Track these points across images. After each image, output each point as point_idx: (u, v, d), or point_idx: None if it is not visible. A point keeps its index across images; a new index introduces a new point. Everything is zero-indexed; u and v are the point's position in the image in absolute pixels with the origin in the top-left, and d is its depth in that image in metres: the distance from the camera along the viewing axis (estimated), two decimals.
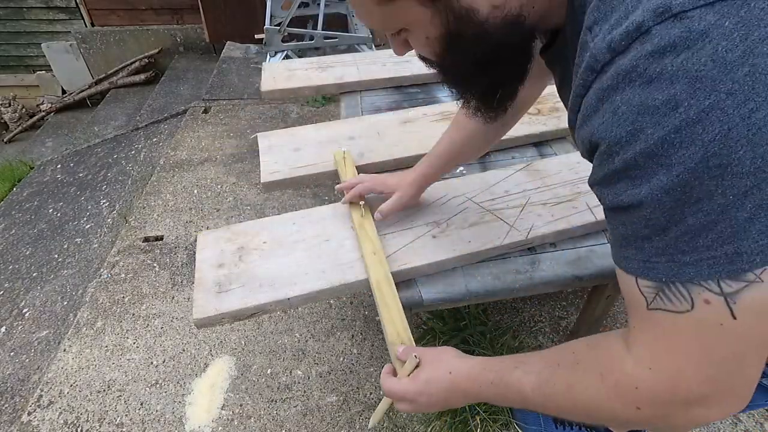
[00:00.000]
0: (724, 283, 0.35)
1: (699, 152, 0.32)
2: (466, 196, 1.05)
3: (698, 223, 0.34)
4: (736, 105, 0.30)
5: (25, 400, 1.45)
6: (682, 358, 0.39)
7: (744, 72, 0.30)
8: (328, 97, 2.73)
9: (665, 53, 0.32)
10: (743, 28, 0.30)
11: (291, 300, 0.87)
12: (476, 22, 0.44)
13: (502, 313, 1.47)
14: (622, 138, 0.36)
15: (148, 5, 4.03)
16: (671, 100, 0.32)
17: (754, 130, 0.30)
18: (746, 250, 0.33)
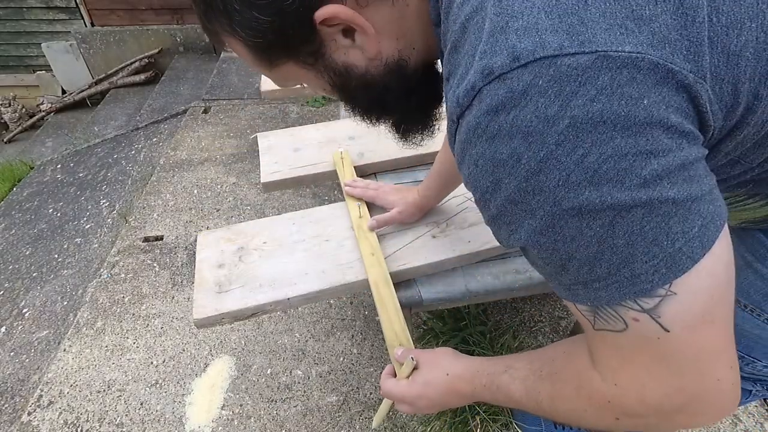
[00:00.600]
0: (640, 301, 0.37)
1: (550, 198, 0.35)
2: (465, 196, 1.05)
3: (586, 256, 0.37)
4: (566, 153, 0.33)
5: (25, 400, 1.45)
6: (642, 372, 0.40)
7: (565, 124, 0.33)
8: (328, 97, 2.73)
9: (498, 112, 0.35)
10: (555, 84, 0.32)
11: (291, 300, 0.87)
12: (357, 75, 0.48)
13: (502, 313, 1.47)
14: (489, 187, 0.38)
15: (148, 5, 4.02)
16: (514, 154, 0.35)
17: (590, 172, 0.33)
18: (641, 271, 0.36)
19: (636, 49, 0.32)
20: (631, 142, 0.33)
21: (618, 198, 0.34)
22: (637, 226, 0.34)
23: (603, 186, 0.34)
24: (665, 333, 0.37)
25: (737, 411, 1.23)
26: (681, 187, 0.34)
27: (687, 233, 0.35)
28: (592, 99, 0.32)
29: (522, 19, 0.34)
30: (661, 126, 0.33)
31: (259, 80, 2.15)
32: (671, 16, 0.33)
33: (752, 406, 1.24)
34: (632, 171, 0.33)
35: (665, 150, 0.33)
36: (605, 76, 0.32)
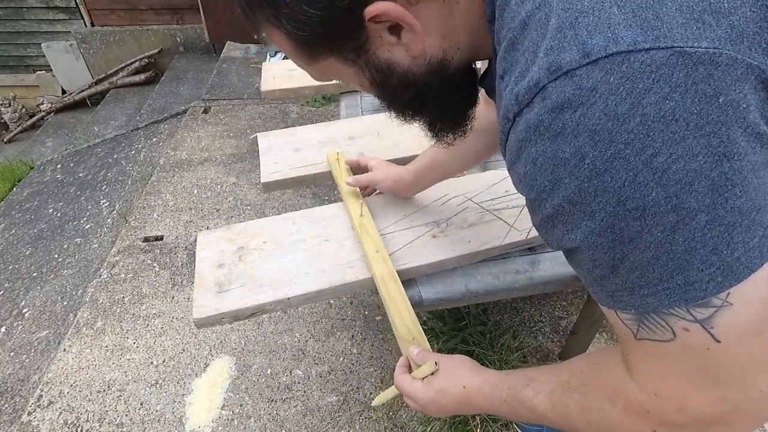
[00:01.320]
0: (693, 311, 0.36)
1: (613, 198, 0.34)
2: (466, 196, 1.05)
3: (641, 260, 0.36)
4: (635, 153, 0.32)
5: (25, 400, 1.45)
6: (684, 382, 0.39)
7: (636, 122, 0.32)
8: (328, 97, 2.73)
9: (564, 109, 0.34)
10: (627, 82, 0.32)
11: (291, 300, 0.87)
12: (399, 72, 0.48)
13: (502, 313, 1.47)
14: (547, 186, 0.38)
15: (148, 5, 4.02)
16: (578, 153, 0.34)
17: (659, 173, 0.32)
18: (695, 279, 0.34)
19: (713, 45, 0.31)
20: (704, 143, 0.31)
21: (684, 200, 0.32)
22: (699, 232, 0.33)
23: (671, 187, 0.32)
24: (716, 344, 0.36)
25: None
26: (749, 195, 0.33)
27: (747, 243, 0.33)
28: (665, 97, 0.31)
29: (593, 14, 0.33)
30: (737, 126, 0.32)
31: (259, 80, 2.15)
32: (750, 8, 0.31)
33: None
34: (702, 173, 0.32)
35: (738, 153, 0.32)
36: (680, 73, 0.31)
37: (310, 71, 0.52)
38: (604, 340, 1.40)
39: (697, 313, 0.36)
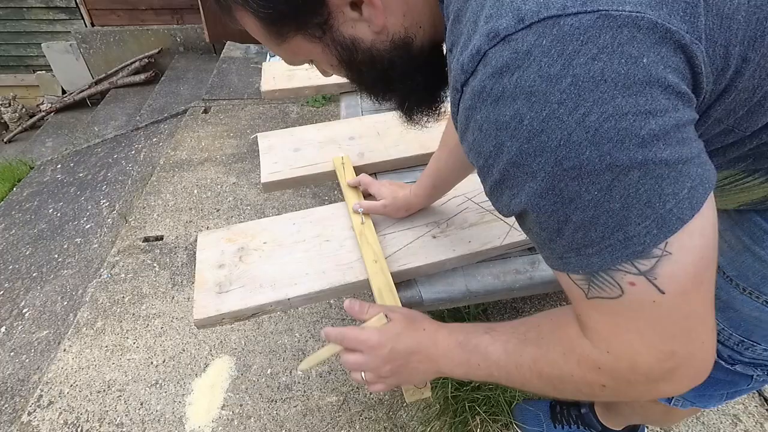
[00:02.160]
0: (637, 263, 0.38)
1: (551, 158, 0.36)
2: (466, 196, 1.05)
3: (582, 220, 0.37)
4: (568, 112, 0.34)
5: (25, 400, 1.45)
6: (634, 339, 0.42)
7: (567, 83, 0.34)
8: (328, 97, 2.73)
9: (503, 74, 0.35)
10: (558, 44, 0.33)
11: (291, 300, 0.87)
12: (363, 48, 0.50)
13: (502, 313, 1.47)
14: (492, 152, 0.39)
15: (148, 5, 4.02)
16: (517, 115, 0.36)
17: (591, 132, 0.34)
18: (634, 233, 0.36)
19: (636, 9, 0.33)
20: (632, 102, 0.33)
21: (617, 158, 0.34)
22: (633, 188, 0.35)
23: (603, 146, 0.34)
24: (661, 295, 0.38)
25: (737, 411, 1.23)
26: (674, 149, 0.35)
27: (677, 194, 0.35)
28: (594, 58, 0.33)
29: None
30: (659, 85, 0.34)
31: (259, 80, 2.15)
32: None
33: (752, 406, 1.24)
34: (632, 131, 0.34)
35: (662, 110, 0.34)
36: (607, 35, 0.33)
37: (281, 53, 0.54)
38: None
39: (641, 265, 0.38)
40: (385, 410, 1.26)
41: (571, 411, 1.11)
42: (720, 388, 0.71)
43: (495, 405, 1.17)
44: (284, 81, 1.53)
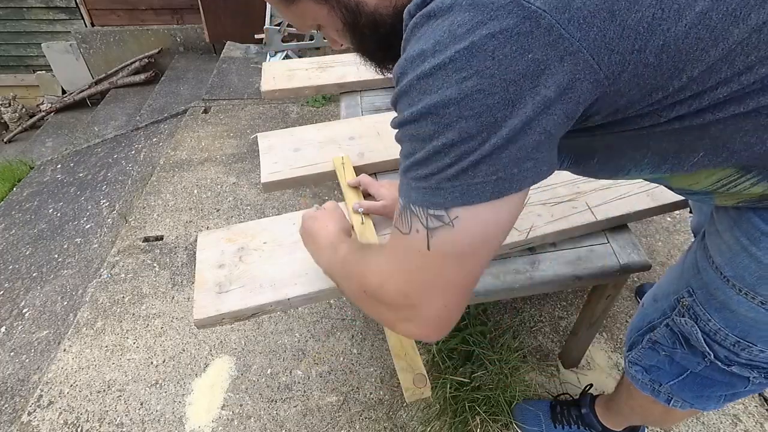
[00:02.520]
0: (429, 219, 0.45)
1: (426, 98, 0.42)
2: None
3: (420, 158, 0.44)
4: (454, 70, 0.40)
5: (25, 400, 1.45)
6: (392, 268, 0.51)
7: (464, 45, 0.39)
8: (328, 97, 2.73)
9: (429, 17, 0.42)
10: (472, 10, 0.39)
11: (291, 300, 0.87)
12: (366, 12, 0.55)
13: (502, 313, 1.47)
14: (397, 73, 0.45)
15: (148, 5, 4.02)
16: (423, 53, 0.42)
17: (462, 94, 0.40)
18: (443, 186, 0.43)
19: (543, 6, 0.38)
20: (503, 87, 0.39)
21: (469, 126, 0.41)
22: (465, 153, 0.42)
23: (465, 111, 0.40)
24: (426, 250, 0.46)
25: (737, 411, 1.23)
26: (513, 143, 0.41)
27: (487, 176, 0.42)
28: (493, 35, 0.38)
29: None
30: (531, 82, 0.39)
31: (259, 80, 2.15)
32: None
33: (752, 406, 1.24)
34: (491, 109, 0.40)
35: (523, 104, 0.40)
36: (511, 20, 0.38)
37: (290, 16, 0.58)
38: (604, 340, 1.40)
39: (430, 222, 0.45)
40: (385, 410, 1.26)
41: (571, 411, 1.11)
42: (717, 390, 0.71)
43: (495, 405, 1.17)
44: (284, 81, 1.53)
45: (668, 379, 0.76)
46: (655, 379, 0.78)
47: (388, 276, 0.51)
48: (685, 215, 1.81)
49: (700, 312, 0.65)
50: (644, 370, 0.80)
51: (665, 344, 0.73)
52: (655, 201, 1.03)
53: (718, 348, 0.65)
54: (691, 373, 0.71)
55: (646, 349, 0.78)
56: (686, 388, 0.74)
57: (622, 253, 0.98)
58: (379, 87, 1.54)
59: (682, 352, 0.71)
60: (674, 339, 0.71)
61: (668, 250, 1.67)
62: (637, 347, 0.80)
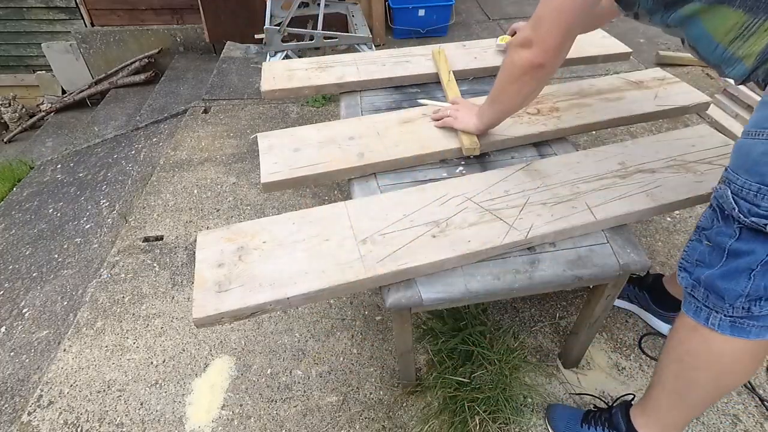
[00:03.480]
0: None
1: None
2: (465, 196, 1.05)
3: None
4: None
5: (25, 400, 1.45)
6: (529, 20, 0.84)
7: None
8: (328, 97, 2.73)
9: None
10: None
11: (291, 300, 0.87)
12: None
13: (502, 313, 1.47)
14: None
15: (148, 5, 4.02)
16: None
17: None
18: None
19: None
20: None
21: None
22: None
23: None
24: None
25: (737, 411, 1.23)
26: None
27: None
28: None
29: None
30: None
31: (259, 80, 2.15)
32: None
33: (752, 406, 1.24)
34: None
35: None
36: None
37: None
38: (604, 340, 1.40)
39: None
40: (384, 410, 1.26)
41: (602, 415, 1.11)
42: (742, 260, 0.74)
43: (494, 405, 1.17)
44: (284, 81, 1.53)
45: (705, 270, 0.79)
46: (696, 279, 0.81)
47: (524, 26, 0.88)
48: (685, 215, 1.81)
49: (731, 176, 0.73)
50: (689, 273, 0.83)
51: (707, 225, 0.79)
52: (655, 201, 1.04)
53: (742, 202, 0.71)
54: (726, 258, 0.76)
55: (693, 242, 0.83)
56: (719, 274, 0.77)
57: (622, 253, 0.98)
58: (379, 87, 1.54)
59: (717, 226, 0.76)
60: (713, 216, 0.78)
61: (668, 250, 1.67)
62: (688, 245, 0.84)
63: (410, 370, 1.24)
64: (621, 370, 1.33)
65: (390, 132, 1.27)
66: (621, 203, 1.03)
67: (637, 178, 1.10)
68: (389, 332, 1.45)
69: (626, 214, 1.01)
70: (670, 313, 1.35)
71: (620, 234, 1.02)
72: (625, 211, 1.01)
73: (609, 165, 1.14)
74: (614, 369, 1.33)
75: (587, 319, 1.16)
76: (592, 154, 1.18)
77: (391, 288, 0.93)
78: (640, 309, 1.43)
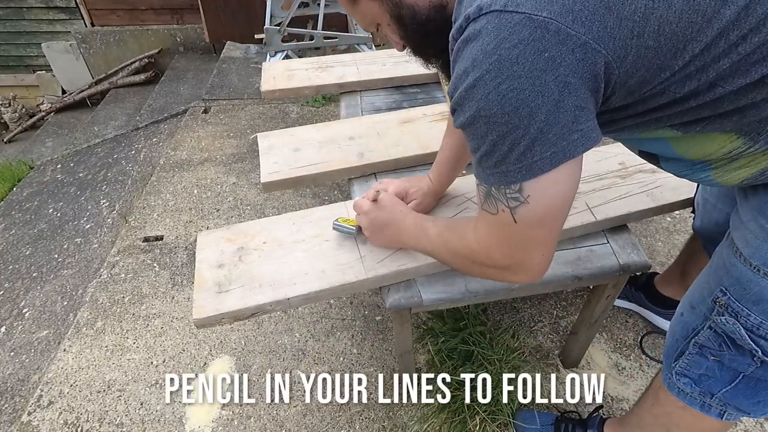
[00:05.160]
0: (509, 201, 0.58)
1: (475, 105, 0.53)
2: (466, 196, 1.05)
3: (485, 151, 0.56)
4: (491, 79, 0.51)
5: (25, 400, 1.45)
6: (493, 241, 0.65)
7: (495, 59, 0.50)
8: (328, 97, 2.73)
9: (467, 41, 0.53)
10: (495, 30, 0.50)
11: (291, 300, 0.87)
12: (407, 5, 0.65)
13: (502, 313, 1.47)
14: (450, 92, 0.57)
15: (148, 5, 4.02)
16: (465, 71, 0.53)
17: (500, 96, 0.51)
18: (510, 169, 0.55)
19: (549, 16, 0.48)
20: (530, 82, 0.50)
21: (512, 119, 0.51)
22: (517, 140, 0.53)
23: (506, 107, 0.51)
24: (514, 224, 0.59)
25: None
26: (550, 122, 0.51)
27: (543, 153, 0.53)
28: (514, 45, 0.49)
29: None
30: (552, 74, 0.49)
31: (259, 80, 2.15)
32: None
33: None
34: (526, 103, 0.50)
35: (550, 92, 0.50)
36: (526, 31, 0.48)
37: (354, 12, 0.70)
38: (604, 340, 1.40)
39: (511, 203, 0.58)
40: (384, 410, 1.26)
41: (576, 430, 1.10)
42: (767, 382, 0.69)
43: (494, 405, 1.17)
44: (284, 81, 1.53)
45: (720, 386, 0.73)
46: (705, 390, 0.75)
47: (491, 246, 0.66)
48: (685, 215, 1.80)
49: (738, 308, 0.65)
50: (693, 381, 0.76)
51: (712, 347, 0.71)
52: (655, 201, 1.03)
53: (764, 343, 0.64)
54: (744, 376, 0.69)
55: (693, 355, 0.75)
56: (740, 393, 0.72)
57: (622, 253, 0.98)
58: (379, 87, 1.54)
59: (729, 354, 0.69)
60: (720, 341, 0.70)
61: (668, 250, 1.67)
62: (684, 356, 0.76)
63: (410, 370, 1.24)
64: (621, 370, 1.33)
65: (390, 132, 1.27)
66: (621, 203, 1.03)
67: (638, 178, 1.10)
68: (389, 332, 1.45)
69: (626, 214, 1.01)
70: (667, 310, 1.35)
71: (620, 234, 1.02)
72: (625, 211, 1.01)
73: (609, 165, 1.14)
74: (614, 369, 1.33)
75: (587, 319, 1.16)
76: (592, 154, 1.18)
77: (391, 288, 0.93)
78: (639, 307, 1.43)
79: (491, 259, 0.67)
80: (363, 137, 1.25)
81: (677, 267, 1.30)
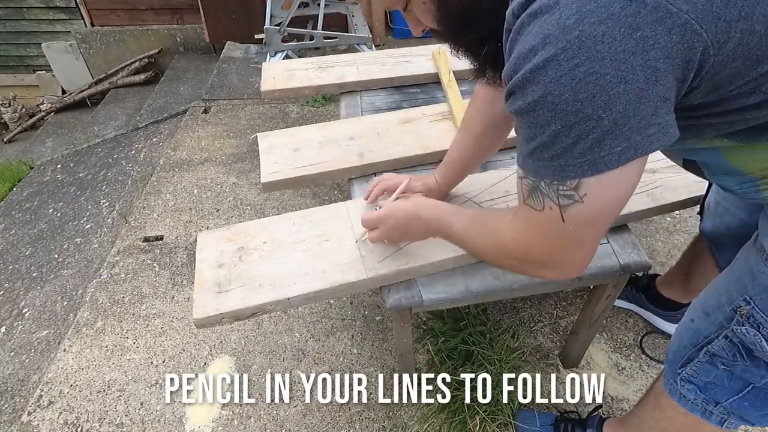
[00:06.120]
0: (561, 198, 0.51)
1: (540, 89, 0.45)
2: (466, 196, 1.05)
3: (542, 142, 0.49)
4: (566, 59, 0.43)
5: (25, 400, 1.45)
6: (533, 239, 0.59)
7: (575, 35, 0.42)
8: (328, 97, 2.73)
9: (536, 15, 0.45)
10: (579, 1, 0.42)
11: (291, 300, 0.87)
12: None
13: (502, 313, 1.47)
14: (508, 75, 0.49)
15: (148, 5, 4.02)
16: (533, 49, 0.45)
17: (576, 80, 0.43)
18: (570, 164, 0.48)
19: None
20: (615, 66, 0.42)
21: (584, 108, 0.44)
22: (585, 132, 0.45)
23: (580, 95, 0.43)
24: (562, 223, 0.53)
25: None
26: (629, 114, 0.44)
27: (613, 149, 0.46)
28: (602, 21, 0.41)
29: None
30: (641, 58, 0.42)
31: (259, 80, 2.15)
32: None
33: None
34: (605, 90, 0.43)
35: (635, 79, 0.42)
36: (618, 4, 0.41)
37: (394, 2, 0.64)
38: (604, 340, 1.40)
39: (562, 201, 0.51)
40: (384, 410, 1.26)
41: (575, 430, 1.10)
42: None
43: (494, 405, 1.17)
44: (284, 81, 1.53)
45: (727, 396, 0.71)
46: (710, 398, 0.74)
47: (530, 243, 0.60)
48: (685, 215, 1.80)
49: (761, 319, 0.61)
50: (699, 389, 0.74)
51: (724, 357, 0.69)
52: (655, 201, 1.03)
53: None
54: (754, 387, 0.68)
55: (703, 363, 0.72)
56: (747, 404, 0.70)
57: (622, 253, 0.98)
58: (379, 87, 1.54)
59: (743, 364, 0.67)
60: (734, 351, 0.67)
61: (668, 250, 1.67)
62: (692, 363, 0.74)
63: (410, 370, 1.24)
64: (621, 370, 1.33)
65: (390, 132, 1.27)
66: None
67: None
68: (389, 332, 1.45)
69: (626, 214, 1.01)
70: (668, 312, 1.34)
71: (621, 234, 1.02)
72: (625, 211, 1.01)
73: None
74: (614, 369, 1.33)
75: (587, 319, 1.16)
76: None
77: (392, 288, 0.93)
78: (640, 308, 1.43)
79: (528, 256, 0.61)
80: (363, 137, 1.25)
81: (680, 269, 1.29)
